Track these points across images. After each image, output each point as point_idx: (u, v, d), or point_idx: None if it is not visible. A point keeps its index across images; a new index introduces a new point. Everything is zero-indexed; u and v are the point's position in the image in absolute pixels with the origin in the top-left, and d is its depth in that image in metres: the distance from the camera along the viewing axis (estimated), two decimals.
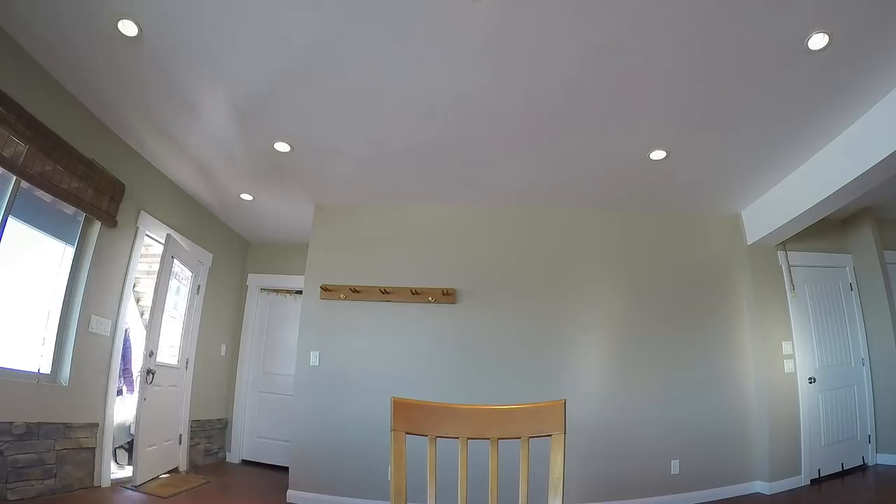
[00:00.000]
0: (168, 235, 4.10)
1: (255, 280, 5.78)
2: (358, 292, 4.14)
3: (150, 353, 3.83)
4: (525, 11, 2.26)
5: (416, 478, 1.27)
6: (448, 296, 4.09)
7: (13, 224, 2.81)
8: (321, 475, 3.80)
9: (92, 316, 3.34)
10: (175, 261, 4.23)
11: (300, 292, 4.82)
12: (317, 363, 4.05)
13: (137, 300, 5.56)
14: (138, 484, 3.56)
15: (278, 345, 5.55)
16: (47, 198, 3.01)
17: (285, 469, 4.05)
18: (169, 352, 4.42)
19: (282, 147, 3.56)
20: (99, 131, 3.38)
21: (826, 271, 4.49)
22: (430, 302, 4.10)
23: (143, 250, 4.01)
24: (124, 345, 4.46)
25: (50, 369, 3.08)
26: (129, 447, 3.98)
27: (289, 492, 3.79)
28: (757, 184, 3.88)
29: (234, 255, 5.57)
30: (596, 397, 3.90)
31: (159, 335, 3.99)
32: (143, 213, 3.86)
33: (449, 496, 1.22)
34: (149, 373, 3.80)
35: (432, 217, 4.41)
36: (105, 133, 3.44)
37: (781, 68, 2.55)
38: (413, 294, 4.09)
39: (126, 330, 4.56)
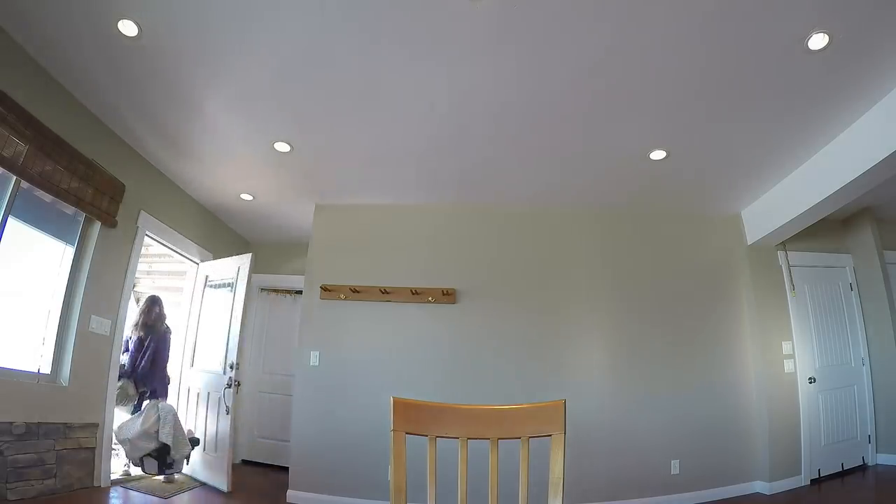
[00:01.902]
0: (251, 255, 4.30)
1: (255, 280, 5.74)
2: (358, 292, 4.14)
3: (237, 366, 3.95)
4: (525, 11, 2.26)
5: (416, 478, 1.27)
6: (448, 296, 4.09)
7: (13, 224, 2.81)
8: (321, 475, 3.80)
9: (92, 316, 3.34)
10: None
11: (300, 292, 4.82)
12: (317, 363, 4.05)
13: (137, 300, 5.55)
14: (230, 491, 3.74)
15: (278, 345, 5.54)
16: (47, 198, 3.01)
17: (285, 469, 4.05)
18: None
19: (282, 147, 3.56)
20: (99, 131, 3.37)
21: (826, 271, 4.48)
22: (430, 302, 4.10)
23: (143, 250, 4.01)
24: (160, 345, 4.35)
25: (50, 369, 3.08)
26: (157, 455, 3.89)
27: (289, 492, 3.79)
28: (757, 184, 3.88)
29: (234, 255, 5.55)
30: (596, 397, 3.90)
31: (235, 347, 4.07)
32: (143, 213, 3.86)
33: (449, 496, 1.22)
34: (237, 385, 3.91)
35: (432, 217, 4.41)
36: (105, 133, 3.44)
37: (781, 68, 2.55)
38: (413, 294, 4.09)
39: (165, 331, 4.48)
